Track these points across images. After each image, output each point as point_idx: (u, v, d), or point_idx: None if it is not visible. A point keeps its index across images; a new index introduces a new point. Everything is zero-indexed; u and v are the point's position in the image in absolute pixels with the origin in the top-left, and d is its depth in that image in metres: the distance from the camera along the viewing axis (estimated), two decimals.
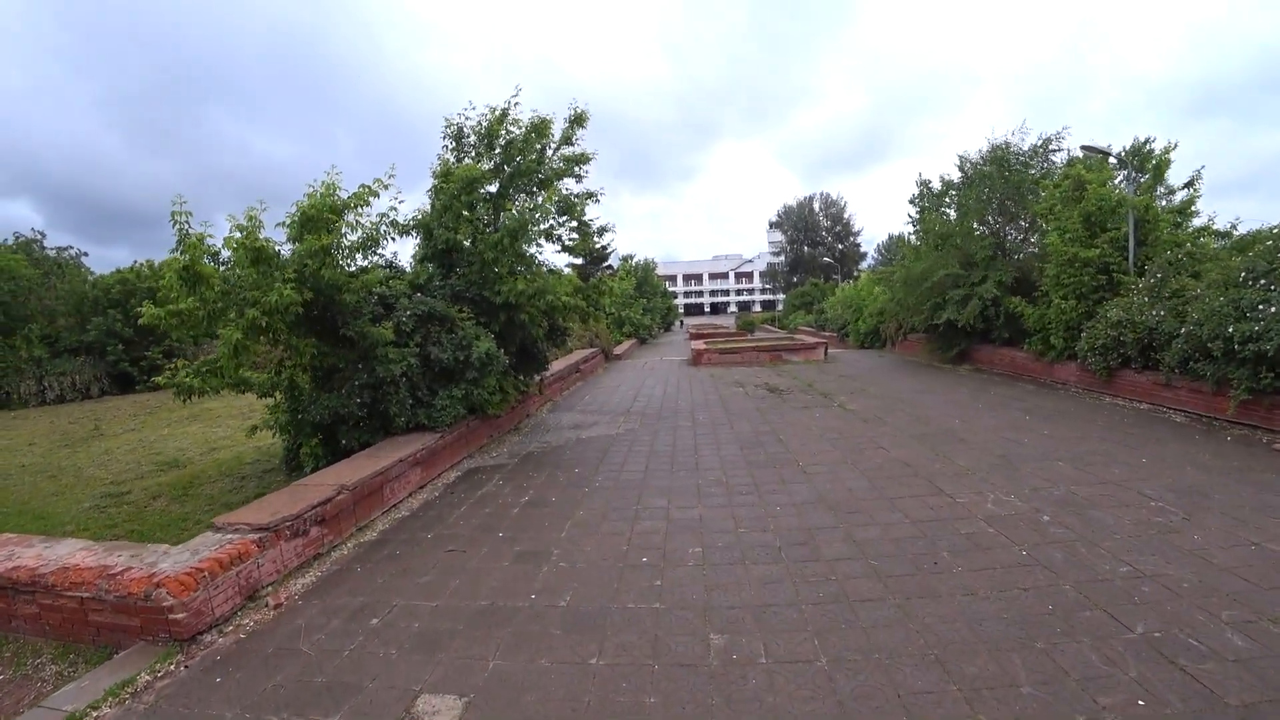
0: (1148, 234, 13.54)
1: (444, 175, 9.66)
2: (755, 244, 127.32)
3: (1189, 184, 14.56)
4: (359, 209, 7.90)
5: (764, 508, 6.47)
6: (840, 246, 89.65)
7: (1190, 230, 14.64)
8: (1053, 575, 4.67)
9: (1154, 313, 11.28)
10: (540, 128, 10.35)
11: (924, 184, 21.64)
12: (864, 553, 5.22)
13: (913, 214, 22.43)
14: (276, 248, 7.27)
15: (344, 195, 7.77)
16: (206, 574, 4.69)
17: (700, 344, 22.45)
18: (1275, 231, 10.11)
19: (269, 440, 9.99)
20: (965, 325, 17.06)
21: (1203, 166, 14.39)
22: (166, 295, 6.89)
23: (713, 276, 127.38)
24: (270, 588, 5.30)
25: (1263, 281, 9.26)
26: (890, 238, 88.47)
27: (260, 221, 7.16)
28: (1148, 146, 16.26)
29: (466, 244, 9.63)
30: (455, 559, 5.64)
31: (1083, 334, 13.14)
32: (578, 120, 11.09)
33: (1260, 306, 8.91)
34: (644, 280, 41.07)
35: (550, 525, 6.33)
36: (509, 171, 10.26)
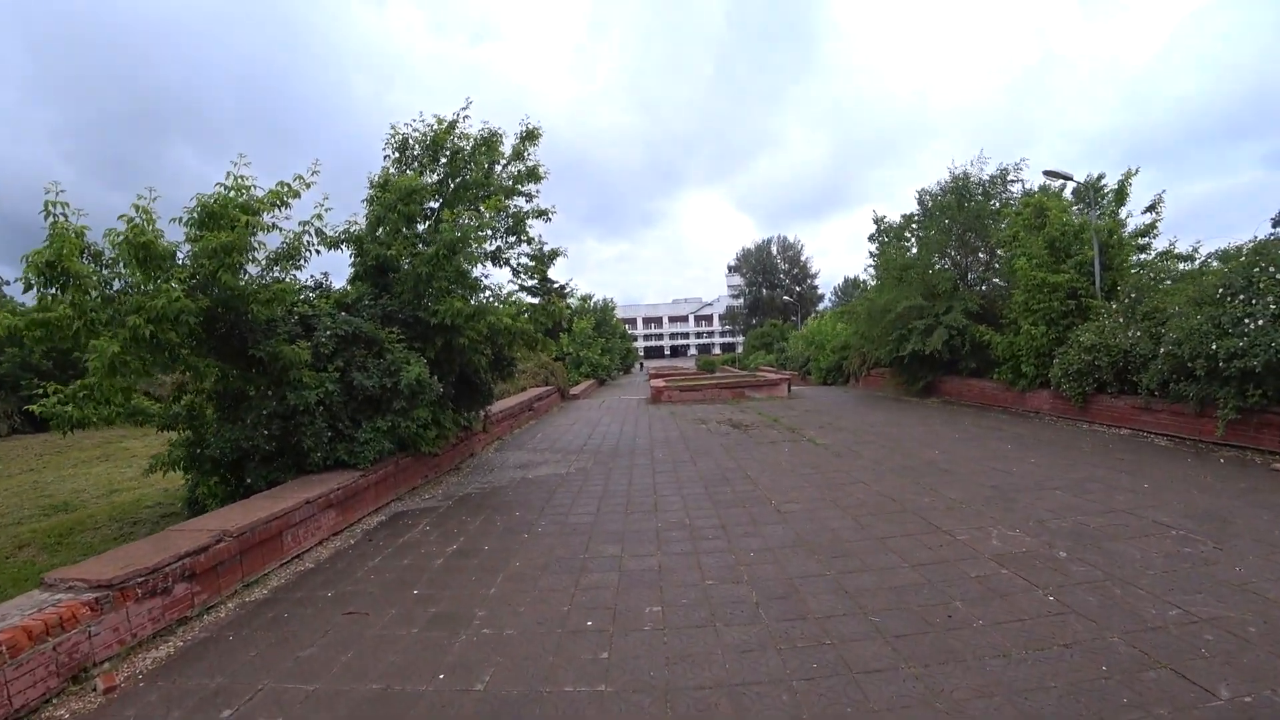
0: (1113, 258, 13.31)
1: (382, 185, 8.71)
2: (715, 288, 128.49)
3: (1151, 207, 14.47)
4: (276, 209, 6.86)
5: (735, 554, 5.47)
6: (798, 289, 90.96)
7: (1154, 253, 14.53)
8: (1093, 625, 3.78)
9: (1129, 334, 10.85)
10: (490, 142, 9.57)
11: (880, 220, 21.61)
12: (860, 606, 4.26)
13: (872, 250, 22.34)
14: (173, 248, 6.17)
15: (259, 194, 6.75)
16: (3, 649, 3.48)
17: (660, 382, 21.61)
18: (1248, 247, 9.81)
19: (180, 481, 8.66)
20: (933, 355, 16.60)
21: (1163, 190, 14.34)
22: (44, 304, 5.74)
23: (673, 319, 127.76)
24: (106, 664, 4.07)
25: (1241, 297, 8.85)
26: (846, 280, 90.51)
27: (152, 214, 6.05)
28: (1100, 182, 16.29)
29: (404, 264, 8.60)
30: (353, 624, 4.49)
31: (1055, 360, 12.71)
32: (530, 136, 10.34)
33: (1244, 321, 8.47)
34: (603, 320, 40.20)
35: (478, 580, 5.22)
36: (454, 185, 9.38)
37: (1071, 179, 14.20)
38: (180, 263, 6.27)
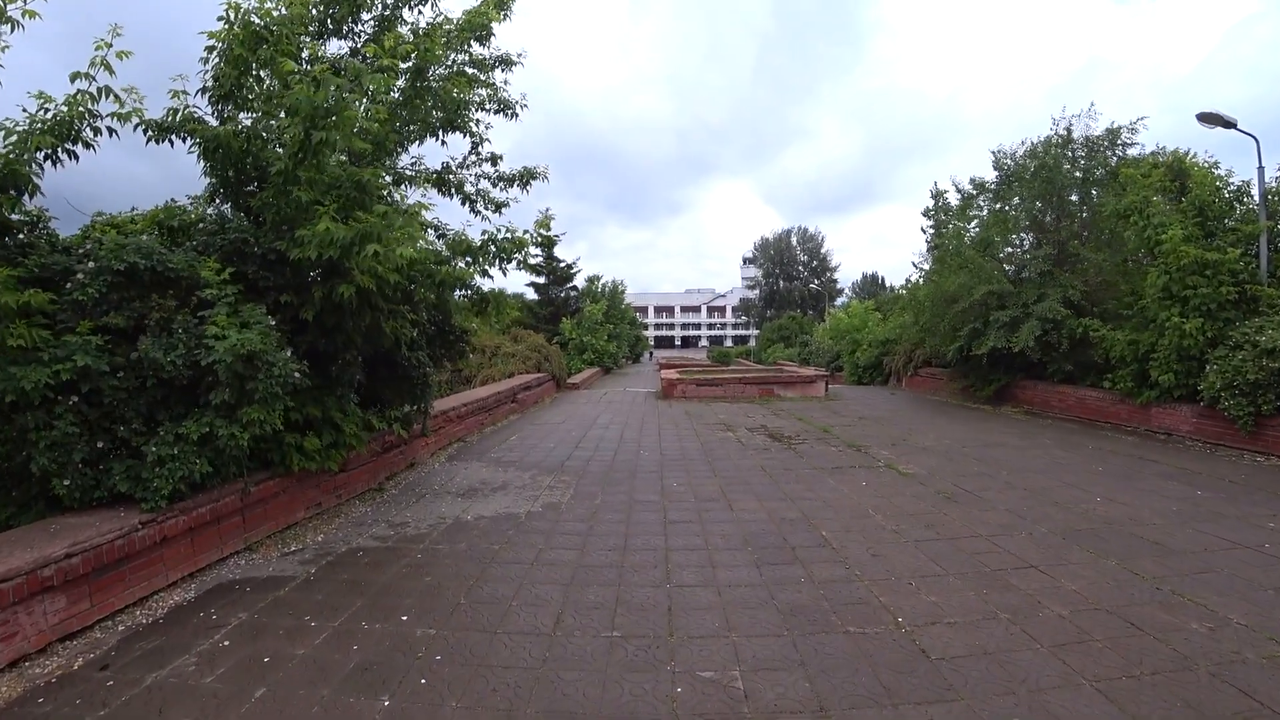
0: None
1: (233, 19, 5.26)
2: (730, 280, 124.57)
3: None
4: None
5: None
6: (816, 282, 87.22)
7: None
8: None
9: None
10: None
11: (940, 194, 18.19)
12: None
13: (927, 227, 18.90)
14: None
15: None
16: None
17: (673, 373, 18.25)
18: None
19: None
20: (1016, 354, 13.15)
21: None
22: None
23: (685, 310, 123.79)
24: None
25: None
26: (864, 276, 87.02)
27: None
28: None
29: (271, 161, 5.19)
30: None
31: (1210, 366, 9.27)
32: (500, 2, 6.91)
33: None
34: (612, 304, 36.55)
35: None
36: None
37: (1235, 125, 10.64)
38: None
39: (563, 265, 35.76)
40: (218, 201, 5.83)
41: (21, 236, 4.38)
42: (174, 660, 3.37)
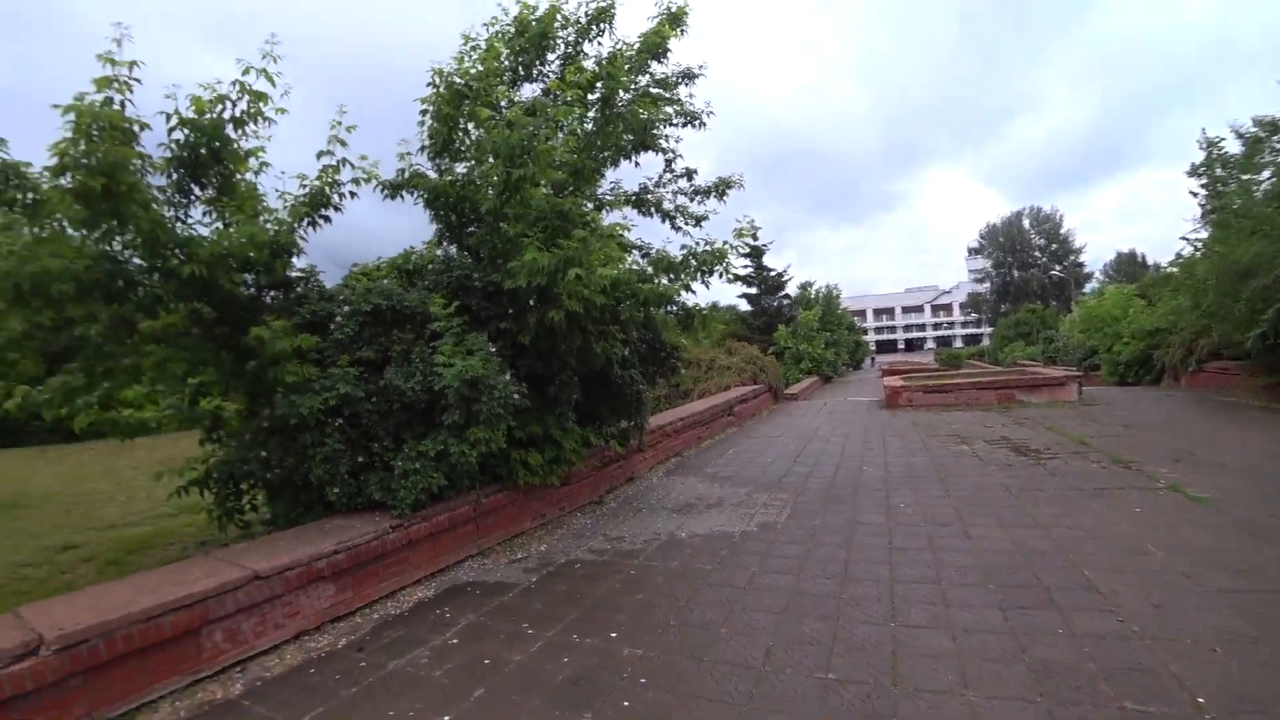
0: None
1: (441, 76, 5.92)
2: (954, 274, 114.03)
3: None
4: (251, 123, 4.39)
5: None
6: (1058, 268, 76.61)
7: None
8: None
9: None
10: (601, 14, 6.45)
11: (1214, 142, 14.92)
12: None
13: (1197, 188, 15.64)
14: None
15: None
16: None
17: (896, 380, 16.87)
18: None
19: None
20: None
21: None
22: None
23: (906, 310, 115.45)
24: None
25: None
26: (1119, 255, 73.92)
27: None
28: None
29: (482, 202, 5.69)
30: None
31: None
32: (674, 19, 6.97)
33: None
34: (827, 310, 35.14)
35: None
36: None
37: None
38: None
39: (773, 274, 35.26)
40: (444, 243, 6.54)
41: (299, 290, 5.23)
42: (411, 651, 3.75)
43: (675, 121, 7.22)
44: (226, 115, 4.37)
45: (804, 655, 3.40)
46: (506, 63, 6.59)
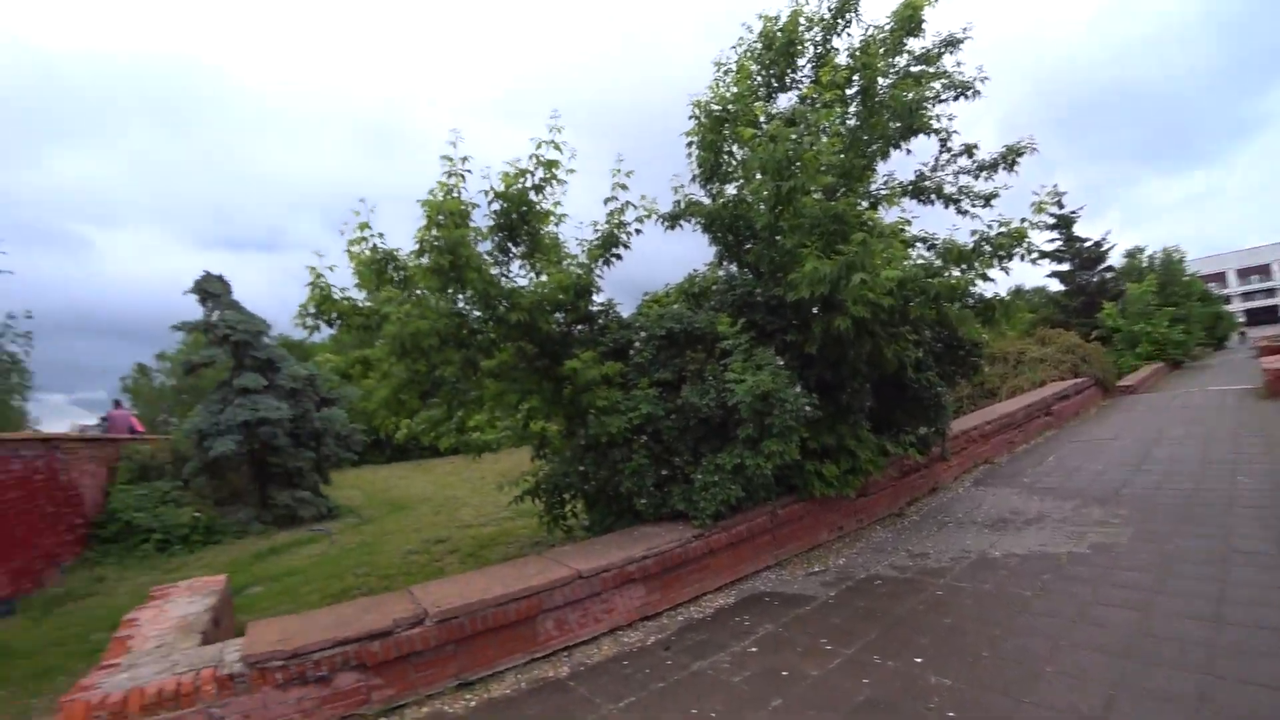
0: None
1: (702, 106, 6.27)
2: None
3: None
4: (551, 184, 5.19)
5: None
6: None
7: None
8: None
9: None
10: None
11: None
12: None
13: None
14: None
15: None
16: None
17: (1278, 360, 12.94)
18: None
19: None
20: None
21: None
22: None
23: None
24: None
25: None
26: None
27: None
28: None
29: (756, 220, 5.84)
30: None
31: None
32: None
33: None
34: (1167, 280, 28.24)
35: None
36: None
37: None
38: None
39: (1088, 244, 29.66)
40: (724, 263, 6.85)
41: (600, 322, 5.93)
42: (713, 655, 3.99)
43: (944, 97, 6.58)
44: (528, 184, 5.19)
45: (1158, 716, 2.82)
46: (759, 79, 6.70)
